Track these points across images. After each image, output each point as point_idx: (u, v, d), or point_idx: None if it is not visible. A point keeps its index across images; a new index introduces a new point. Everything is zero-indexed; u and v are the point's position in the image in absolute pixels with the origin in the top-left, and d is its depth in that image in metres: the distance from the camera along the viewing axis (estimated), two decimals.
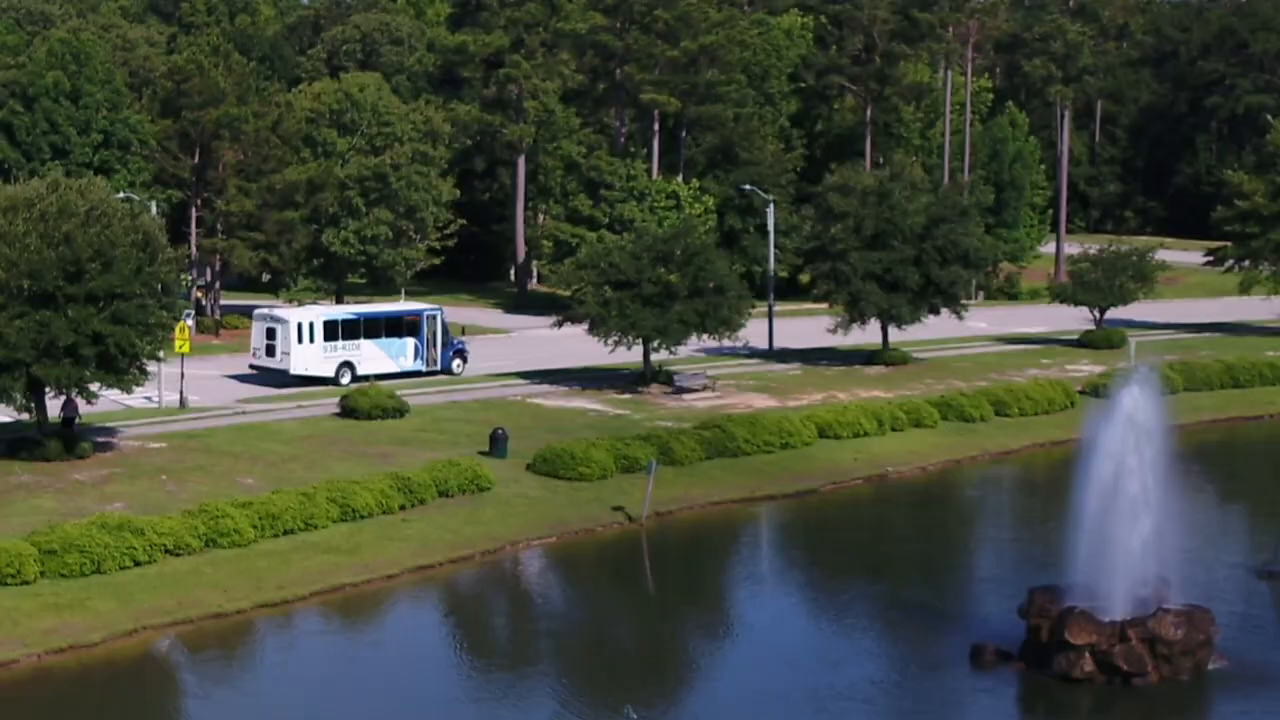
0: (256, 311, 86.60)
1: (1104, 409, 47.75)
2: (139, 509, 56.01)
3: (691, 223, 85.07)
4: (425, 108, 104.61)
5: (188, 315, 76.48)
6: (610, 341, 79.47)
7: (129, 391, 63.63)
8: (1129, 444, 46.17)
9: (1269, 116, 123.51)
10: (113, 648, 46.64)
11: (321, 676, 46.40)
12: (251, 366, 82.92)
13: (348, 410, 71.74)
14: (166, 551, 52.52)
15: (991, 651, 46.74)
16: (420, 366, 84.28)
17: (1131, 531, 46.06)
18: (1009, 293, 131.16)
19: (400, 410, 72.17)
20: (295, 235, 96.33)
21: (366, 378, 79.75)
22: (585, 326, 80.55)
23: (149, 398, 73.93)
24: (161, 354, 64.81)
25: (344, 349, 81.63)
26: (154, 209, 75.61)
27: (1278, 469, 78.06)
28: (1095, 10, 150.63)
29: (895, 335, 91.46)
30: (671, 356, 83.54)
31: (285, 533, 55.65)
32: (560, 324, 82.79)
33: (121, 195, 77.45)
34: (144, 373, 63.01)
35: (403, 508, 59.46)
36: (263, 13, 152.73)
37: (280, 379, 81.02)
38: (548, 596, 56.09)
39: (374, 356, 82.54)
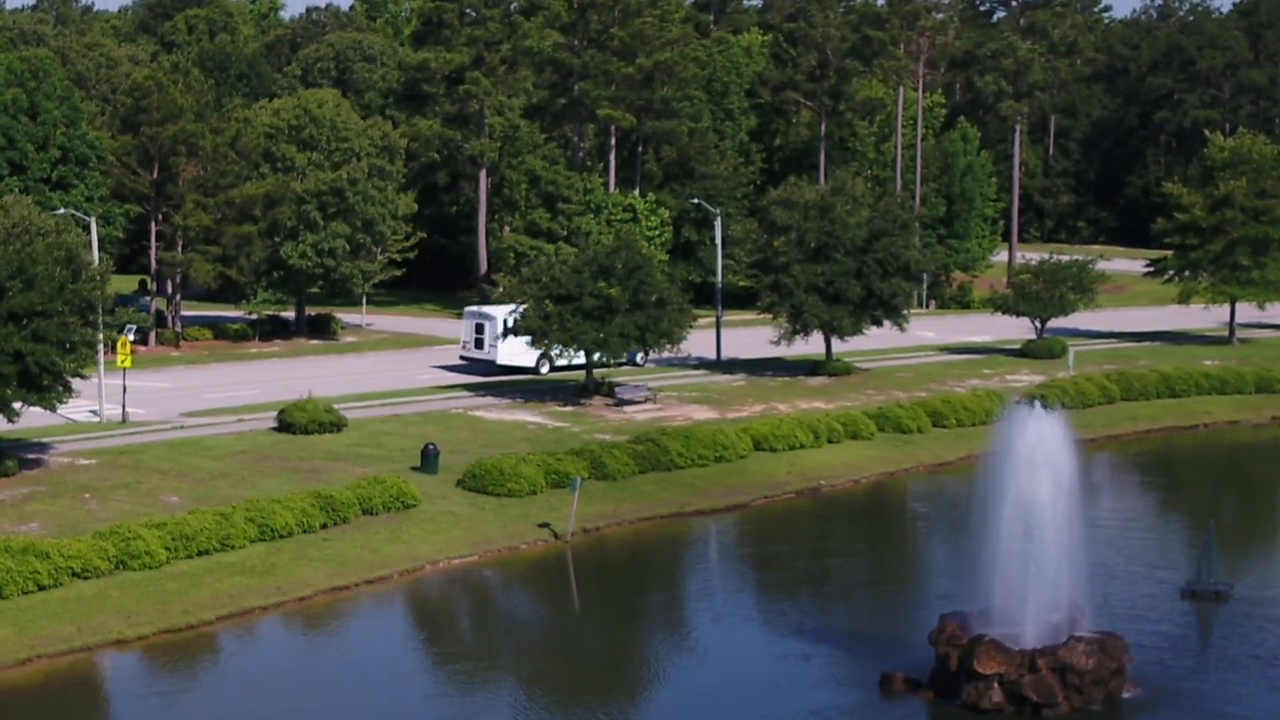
0: (466, 309, 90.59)
1: (1007, 433, 43.92)
2: (55, 529, 52.57)
3: (633, 237, 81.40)
4: (383, 124, 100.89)
5: (130, 330, 72.68)
6: (552, 354, 75.89)
7: (52, 409, 59.88)
8: (1033, 470, 42.54)
9: (1207, 132, 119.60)
10: (2, 678, 42.93)
11: (204, 711, 42.69)
12: (461, 357, 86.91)
13: (285, 425, 68.02)
14: (74, 575, 48.78)
15: (900, 680, 43.20)
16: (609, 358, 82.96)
17: (1039, 559, 42.49)
18: (961, 301, 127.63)
19: (337, 425, 68.45)
20: (253, 249, 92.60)
21: (562, 368, 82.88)
22: (529, 339, 76.95)
23: (94, 411, 70.36)
24: (86, 371, 60.92)
25: (498, 341, 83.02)
26: (93, 225, 71.63)
27: (1208, 482, 74.27)
28: (1046, 28, 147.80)
29: (843, 345, 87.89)
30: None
31: (200, 553, 51.93)
32: (504, 336, 79.15)
33: (61, 211, 74.06)
34: (68, 390, 59.35)
35: (324, 526, 55.77)
36: (242, 31, 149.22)
37: (487, 368, 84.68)
38: (456, 621, 52.36)
39: (514, 349, 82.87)
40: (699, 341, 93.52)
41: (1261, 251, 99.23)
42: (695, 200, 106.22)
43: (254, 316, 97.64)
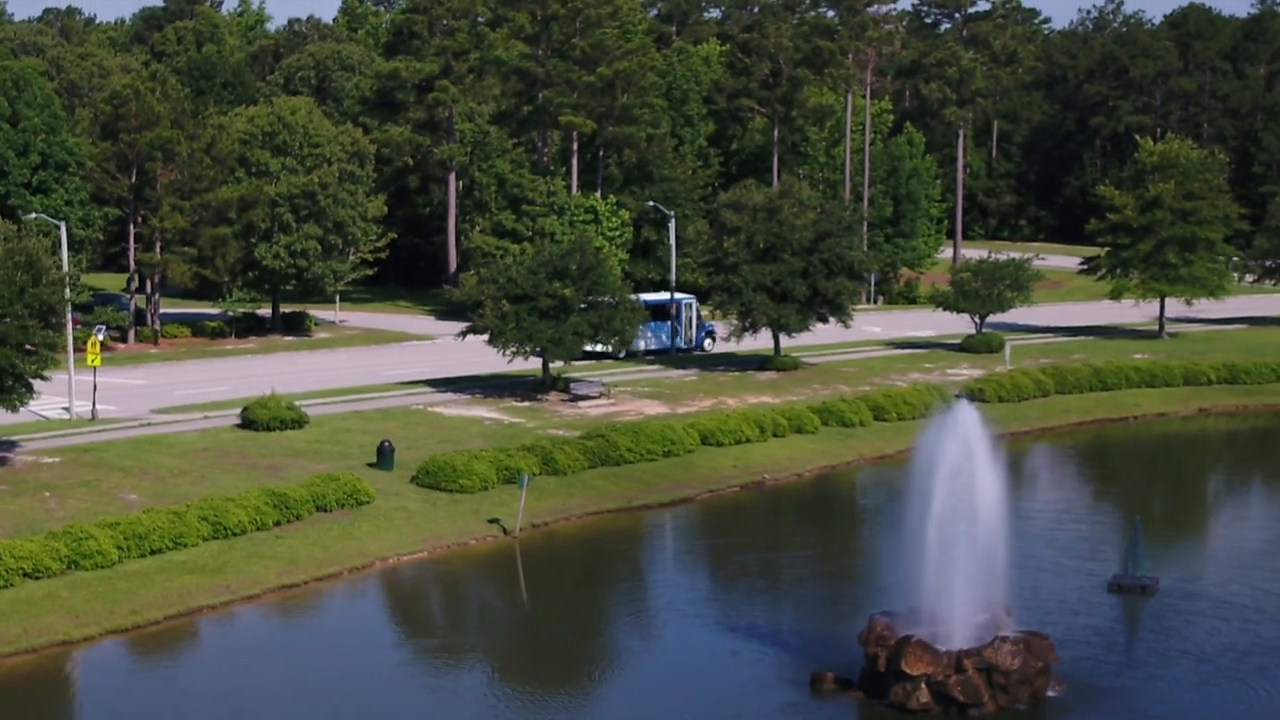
0: None
1: (932, 433, 41.47)
2: (12, 529, 49.97)
3: (587, 239, 78.93)
4: (353, 130, 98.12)
5: (100, 330, 69.95)
6: (508, 352, 73.39)
7: (14, 410, 57.25)
8: (957, 470, 40.08)
9: (1138, 137, 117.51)
10: None
11: (142, 713, 40.15)
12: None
13: (247, 422, 65.35)
14: (25, 575, 46.18)
15: (831, 679, 40.78)
16: (680, 344, 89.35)
17: (965, 559, 40.10)
18: (908, 297, 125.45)
19: (299, 421, 65.76)
20: (228, 249, 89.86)
21: (638, 353, 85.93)
22: (486, 338, 74.35)
23: (66, 409, 67.66)
24: (48, 373, 58.16)
25: None
26: (64, 229, 68.82)
27: (1138, 474, 71.95)
28: (988, 39, 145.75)
29: (791, 340, 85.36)
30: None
31: (152, 552, 49.31)
32: (464, 335, 76.58)
33: (33, 215, 71.40)
34: (30, 390, 56.74)
35: (278, 524, 53.16)
36: (228, 42, 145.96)
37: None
38: (402, 617, 49.47)
39: (645, 336, 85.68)
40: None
41: (1189, 250, 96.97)
42: (652, 202, 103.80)
43: (231, 314, 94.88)
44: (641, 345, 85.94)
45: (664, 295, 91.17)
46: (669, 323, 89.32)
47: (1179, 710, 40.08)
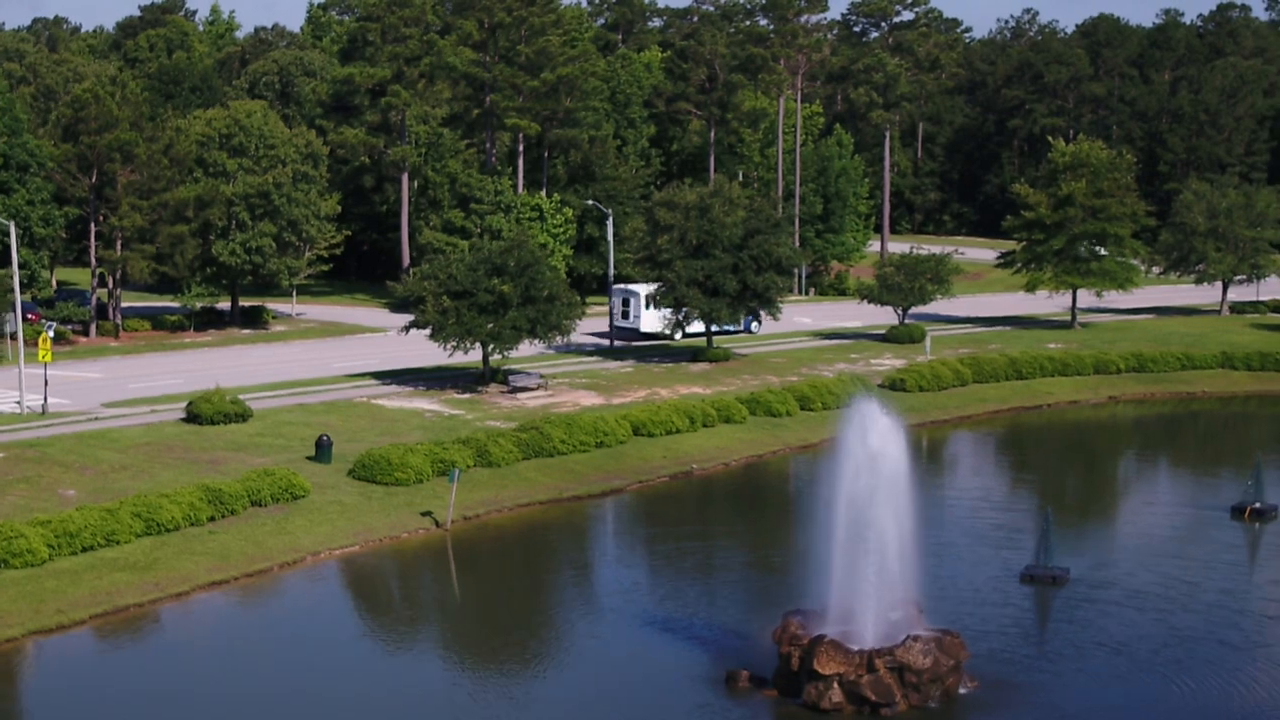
0: (614, 287, 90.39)
1: (843, 430, 38.49)
2: None
3: (525, 237, 75.65)
4: (307, 132, 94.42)
5: (50, 327, 66.36)
6: (449, 346, 70.13)
7: None
8: (867, 470, 37.14)
9: (1050, 138, 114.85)
10: None
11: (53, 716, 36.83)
12: (613, 327, 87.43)
13: (192, 416, 61.91)
14: None
15: (746, 678, 37.86)
16: (730, 327, 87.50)
17: (876, 557, 37.20)
18: (838, 289, 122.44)
19: (243, 415, 62.33)
20: (186, 247, 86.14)
21: (692, 335, 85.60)
22: (428, 332, 71.05)
23: (18, 403, 64.06)
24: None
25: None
26: (13, 230, 65.10)
27: (1051, 461, 68.96)
28: (912, 46, 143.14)
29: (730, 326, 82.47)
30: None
31: (84, 550, 46.09)
32: (407, 329, 73.19)
33: None
34: None
35: (212, 519, 49.88)
36: (197, 49, 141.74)
37: (633, 335, 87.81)
38: (325, 614, 45.38)
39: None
40: (595, 328, 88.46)
41: (1099, 245, 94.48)
42: (591, 201, 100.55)
43: (190, 308, 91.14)
44: (698, 325, 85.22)
45: None
46: None
47: (1094, 707, 37.28)
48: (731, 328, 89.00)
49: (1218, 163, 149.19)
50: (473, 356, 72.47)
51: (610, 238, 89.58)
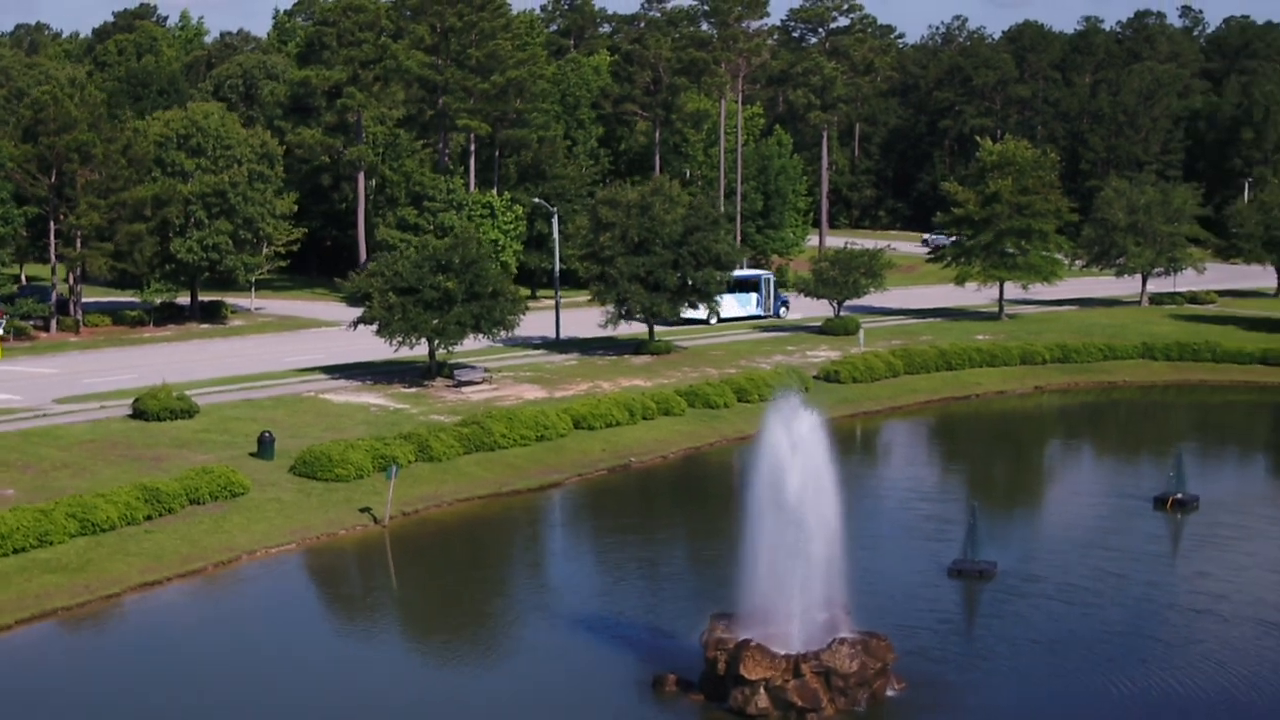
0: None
1: (765, 428, 35.67)
2: None
3: (469, 234, 72.66)
4: (262, 133, 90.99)
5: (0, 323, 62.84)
6: (395, 342, 67.09)
7: None
8: (789, 469, 34.32)
9: (978, 138, 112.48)
10: None
11: None
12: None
13: (138, 412, 58.60)
14: None
15: (673, 682, 34.98)
16: (760, 312, 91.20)
17: (801, 558, 34.39)
18: (779, 282, 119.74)
19: (189, 411, 59.05)
20: (144, 245, 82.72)
21: (728, 319, 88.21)
22: (374, 328, 67.92)
23: None
24: None
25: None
26: None
27: (979, 452, 66.16)
28: (848, 51, 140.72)
29: (666, 324, 79.50)
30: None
31: (15, 551, 42.69)
32: (355, 325, 69.97)
33: None
34: None
35: (149, 518, 46.58)
36: (165, 53, 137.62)
37: (673, 320, 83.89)
38: (253, 616, 41.52)
39: (731, 305, 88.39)
40: (544, 321, 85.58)
41: (1025, 240, 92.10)
42: (537, 199, 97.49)
43: (150, 304, 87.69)
44: (740, 311, 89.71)
45: (750, 272, 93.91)
46: (754, 294, 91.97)
47: (1027, 707, 34.60)
48: (761, 313, 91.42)
49: (1136, 161, 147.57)
50: (422, 351, 69.50)
51: (556, 234, 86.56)
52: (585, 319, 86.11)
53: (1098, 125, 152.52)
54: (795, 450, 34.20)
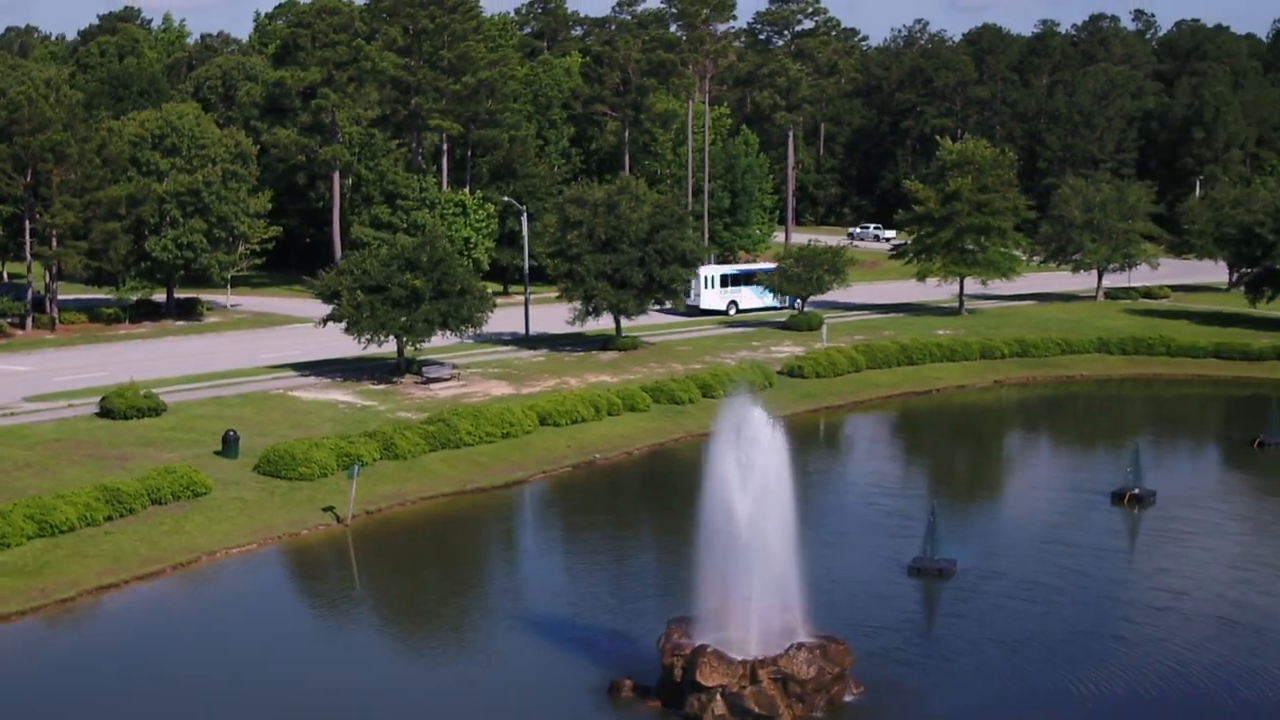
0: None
1: (718, 433, 33.87)
2: None
3: (436, 233, 70.62)
4: (236, 133, 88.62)
5: None
6: (363, 339, 65.07)
7: None
8: (744, 475, 32.55)
9: (938, 137, 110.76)
10: None
11: None
12: (686, 305, 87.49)
13: (105, 411, 56.51)
14: None
15: (629, 687, 33.23)
16: (775, 304, 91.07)
17: (759, 564, 32.63)
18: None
19: (156, 409, 57.00)
20: (119, 243, 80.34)
21: (746, 310, 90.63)
22: (343, 326, 65.84)
23: None
24: None
25: (731, 292, 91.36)
26: None
27: (940, 447, 64.51)
28: (813, 53, 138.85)
29: (634, 320, 77.36)
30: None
31: None
32: (324, 323, 67.87)
33: None
34: None
35: (109, 519, 44.54)
36: (147, 55, 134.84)
37: (694, 311, 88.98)
38: (208, 619, 39.19)
39: (748, 297, 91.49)
40: (515, 317, 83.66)
41: (984, 236, 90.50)
42: (506, 198, 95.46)
43: (126, 301, 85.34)
44: (758, 302, 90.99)
45: (769, 265, 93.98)
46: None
47: (986, 713, 32.91)
48: (777, 304, 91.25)
49: (1091, 160, 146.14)
50: (394, 346, 67.47)
51: (525, 232, 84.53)
52: (556, 314, 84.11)
53: (1054, 125, 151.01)
54: (749, 454, 32.38)
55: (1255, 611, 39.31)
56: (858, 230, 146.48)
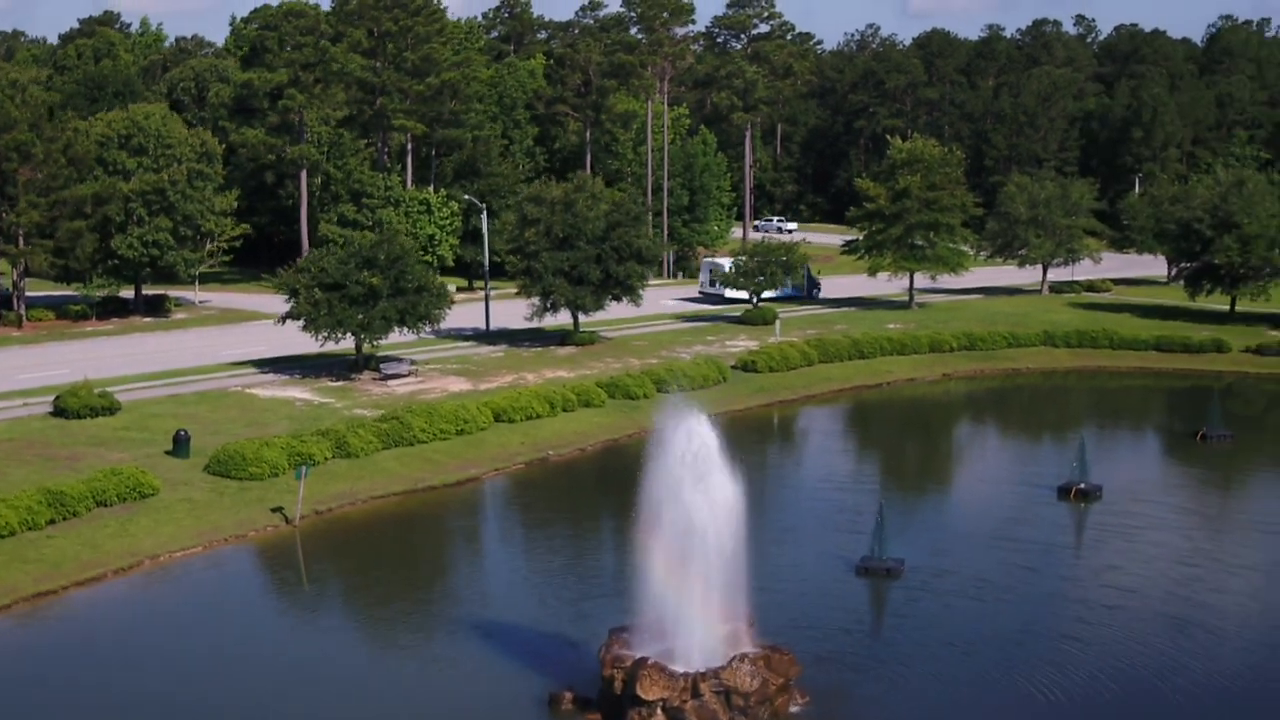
0: (704, 260, 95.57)
1: (660, 439, 31.24)
2: None
3: (394, 231, 67.79)
4: (202, 133, 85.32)
5: None
6: (320, 337, 62.16)
7: None
8: (686, 483, 29.96)
9: (888, 137, 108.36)
10: None
11: None
12: (700, 293, 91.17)
13: (59, 410, 53.46)
14: None
15: (570, 700, 30.64)
16: (795, 293, 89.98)
17: (702, 573, 30.08)
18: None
19: (110, 408, 53.98)
20: (84, 241, 77.03)
21: (769, 298, 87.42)
22: (301, 323, 62.89)
23: None
24: None
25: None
26: None
27: (889, 440, 62.03)
28: (769, 56, 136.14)
29: (592, 315, 74.62)
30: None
31: None
32: (283, 320, 64.88)
33: None
34: None
35: (51, 522, 41.63)
36: (123, 58, 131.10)
37: (717, 300, 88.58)
38: (144, 628, 36.29)
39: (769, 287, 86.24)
40: (478, 312, 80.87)
41: (933, 232, 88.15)
42: (467, 196, 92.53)
43: (93, 298, 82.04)
44: (777, 292, 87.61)
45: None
46: (789, 277, 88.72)
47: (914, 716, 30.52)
48: (797, 293, 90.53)
49: (1035, 158, 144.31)
50: (351, 343, 64.58)
51: (485, 229, 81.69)
52: (518, 310, 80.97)
53: (1000, 125, 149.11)
54: (692, 461, 29.82)
55: (1208, 611, 37.10)
56: (760, 223, 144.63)
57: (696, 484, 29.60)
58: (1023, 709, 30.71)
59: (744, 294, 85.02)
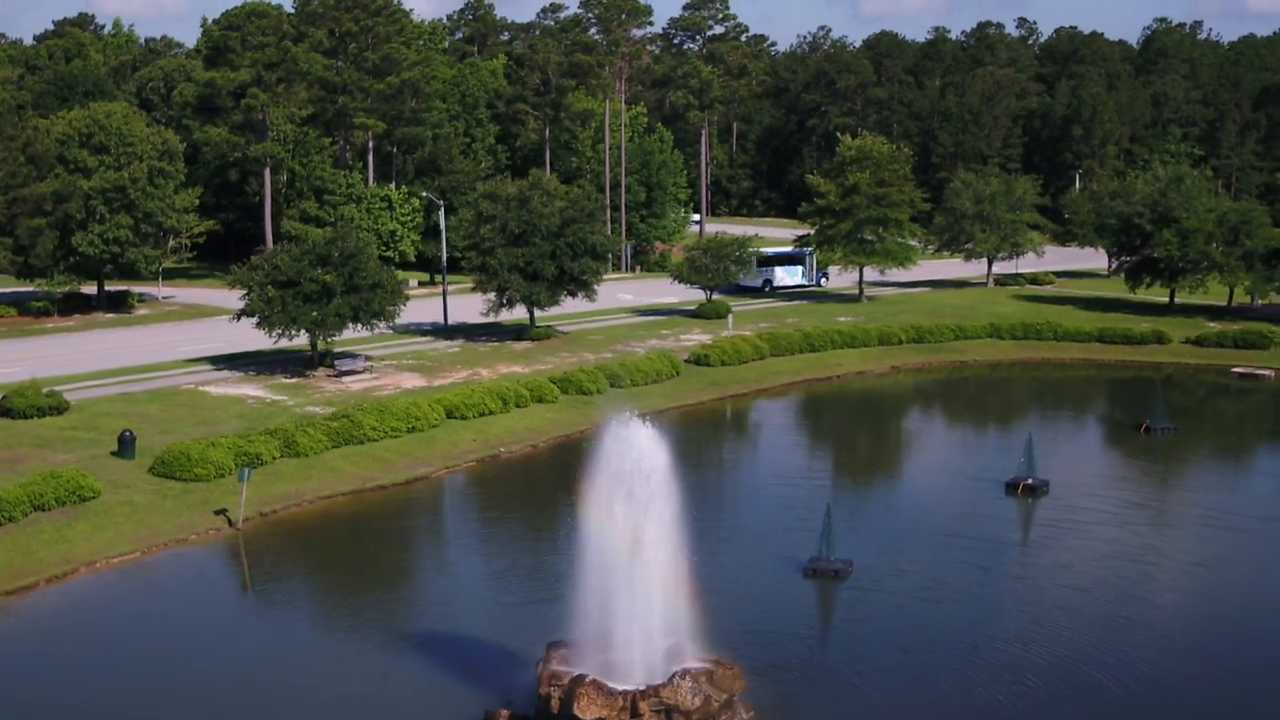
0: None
1: (600, 450, 28.61)
2: None
3: (349, 228, 64.88)
4: (164, 131, 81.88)
5: None
6: (274, 334, 59.11)
7: None
8: (626, 494, 27.35)
9: (838, 134, 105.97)
10: None
11: None
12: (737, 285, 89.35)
13: (4, 410, 50.24)
14: None
15: (506, 718, 27.86)
16: (806, 282, 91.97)
17: (640, 585, 27.45)
18: (662, 266, 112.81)
19: (59, 408, 50.82)
20: (44, 239, 73.65)
21: (780, 288, 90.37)
22: (255, 321, 59.82)
23: None
24: None
25: (768, 271, 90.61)
26: None
27: (837, 437, 59.46)
28: (724, 56, 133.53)
29: (548, 309, 71.77)
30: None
31: None
32: (237, 317, 61.71)
33: None
34: None
35: None
36: (94, 58, 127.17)
37: (736, 289, 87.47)
38: (72, 639, 33.33)
39: (782, 276, 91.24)
40: (437, 306, 77.92)
41: (882, 227, 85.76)
42: (425, 193, 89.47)
43: (53, 294, 78.58)
44: (790, 281, 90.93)
45: (798, 249, 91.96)
46: (800, 266, 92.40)
47: None
48: (805, 282, 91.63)
49: (980, 155, 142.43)
50: (306, 340, 61.54)
51: (443, 226, 78.66)
52: (476, 304, 78.05)
53: (946, 123, 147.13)
54: (632, 471, 27.17)
55: (1161, 611, 34.82)
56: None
57: (634, 499, 26.91)
58: (981, 716, 28.25)
59: (757, 284, 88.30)
